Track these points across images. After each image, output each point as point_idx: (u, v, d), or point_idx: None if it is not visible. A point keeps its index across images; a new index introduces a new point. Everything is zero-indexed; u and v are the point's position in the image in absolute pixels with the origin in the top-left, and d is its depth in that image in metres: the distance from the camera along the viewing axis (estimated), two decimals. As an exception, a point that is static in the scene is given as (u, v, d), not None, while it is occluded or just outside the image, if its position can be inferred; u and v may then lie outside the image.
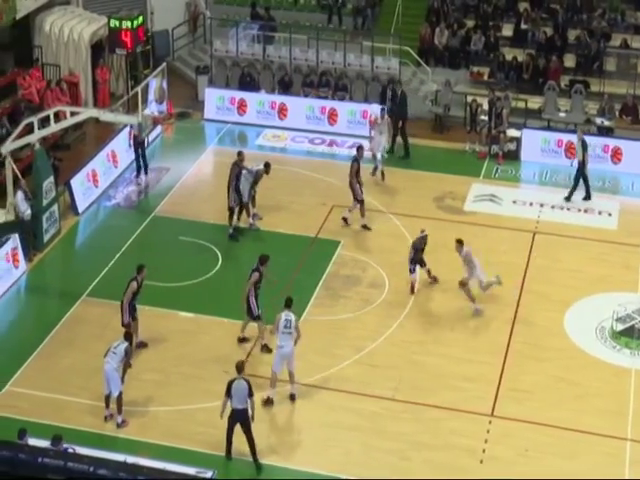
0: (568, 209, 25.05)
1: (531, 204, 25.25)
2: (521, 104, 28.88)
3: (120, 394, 18.07)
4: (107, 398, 18.22)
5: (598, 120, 28.49)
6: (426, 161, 27.10)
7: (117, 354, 17.97)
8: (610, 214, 24.93)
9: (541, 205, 24.79)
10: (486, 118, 28.10)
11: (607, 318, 20.94)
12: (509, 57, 30.67)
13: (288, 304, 18.82)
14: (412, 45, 30.80)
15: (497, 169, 26.39)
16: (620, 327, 20.73)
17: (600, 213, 24.98)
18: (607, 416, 18.50)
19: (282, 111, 28.81)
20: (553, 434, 18.07)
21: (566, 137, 27.21)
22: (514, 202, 25.29)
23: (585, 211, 24.97)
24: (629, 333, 20.59)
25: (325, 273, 22.43)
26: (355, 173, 23.55)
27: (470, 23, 31.96)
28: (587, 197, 25.29)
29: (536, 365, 19.75)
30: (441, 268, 22.14)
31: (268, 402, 18.64)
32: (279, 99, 29.12)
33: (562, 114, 28.91)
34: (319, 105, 28.69)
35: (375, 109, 26.72)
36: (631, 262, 22.87)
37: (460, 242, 21.27)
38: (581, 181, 25.27)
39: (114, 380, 17.99)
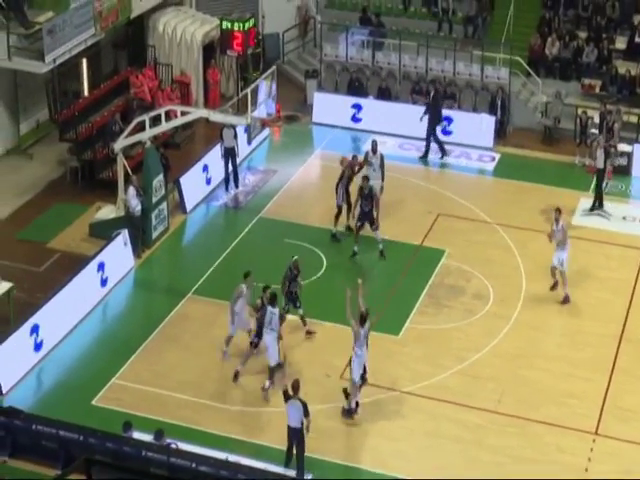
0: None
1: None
2: (633, 118, 28.33)
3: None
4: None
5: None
6: (534, 173, 26.77)
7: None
8: None
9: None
10: (597, 131, 27.68)
11: None
12: (622, 70, 30.10)
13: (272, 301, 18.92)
14: (522, 55, 30.46)
15: (607, 184, 25.98)
16: None
17: None
18: None
19: (390, 117, 28.75)
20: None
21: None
22: (624, 218, 24.84)
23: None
24: None
25: (429, 281, 22.33)
26: (347, 179, 23.29)
27: (582, 35, 31.51)
28: None
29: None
30: (550, 281, 21.82)
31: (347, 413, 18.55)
32: (386, 105, 29.10)
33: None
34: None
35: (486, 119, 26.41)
36: None
37: (560, 211, 21.50)
38: None
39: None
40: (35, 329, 19.50)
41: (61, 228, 23.83)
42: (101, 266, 21.48)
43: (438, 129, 27.57)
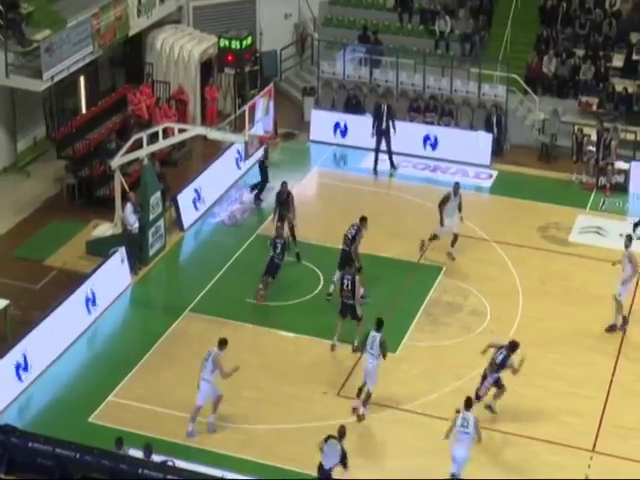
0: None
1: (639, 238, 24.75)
2: (630, 136, 28.40)
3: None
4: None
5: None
6: (531, 190, 26.79)
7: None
8: None
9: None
10: (594, 149, 27.75)
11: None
12: (619, 88, 30.19)
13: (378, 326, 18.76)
14: (519, 73, 30.56)
15: (604, 201, 25.97)
16: None
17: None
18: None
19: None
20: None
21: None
22: (621, 235, 24.75)
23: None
24: None
25: (427, 299, 22.32)
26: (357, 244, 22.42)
27: (580, 52, 31.60)
28: None
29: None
30: (547, 298, 21.80)
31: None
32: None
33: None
34: (424, 130, 28.57)
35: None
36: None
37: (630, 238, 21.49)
38: None
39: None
40: (31, 347, 19.46)
41: (58, 246, 23.81)
42: (97, 284, 21.44)
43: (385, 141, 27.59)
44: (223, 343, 18.27)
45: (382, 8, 33.94)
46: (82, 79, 28.25)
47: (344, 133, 29.12)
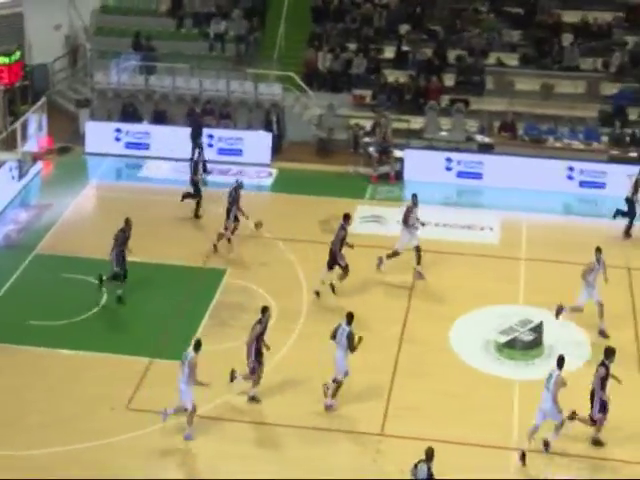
0: (451, 226, 25.42)
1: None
2: (403, 125, 29.28)
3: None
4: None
5: (478, 137, 29.07)
6: (311, 185, 27.25)
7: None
8: (492, 229, 25.42)
9: (422, 224, 24.93)
10: (370, 140, 28.47)
11: (491, 331, 21.31)
12: (391, 79, 31.10)
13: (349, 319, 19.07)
14: (296, 70, 31.01)
15: (381, 190, 26.65)
16: (503, 339, 21.08)
17: (482, 229, 25.45)
18: (493, 428, 18.72)
19: (163, 141, 28.67)
20: (444, 449, 18.16)
21: (447, 155, 27.77)
22: (398, 222, 25.47)
23: (468, 227, 25.33)
24: (512, 345, 20.94)
25: (212, 302, 22.34)
26: (341, 241, 22.58)
27: (352, 46, 32.33)
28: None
29: (423, 382, 19.90)
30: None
31: None
32: (160, 129, 29.01)
33: (443, 133, 29.43)
34: (204, 133, 28.56)
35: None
36: (512, 275, 23.30)
37: (600, 250, 21.22)
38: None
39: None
40: None
41: None
42: None
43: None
44: (198, 345, 18.16)
45: (155, 14, 33.80)
46: None
47: (124, 143, 28.83)
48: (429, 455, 16.15)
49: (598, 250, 21.25)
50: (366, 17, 33.11)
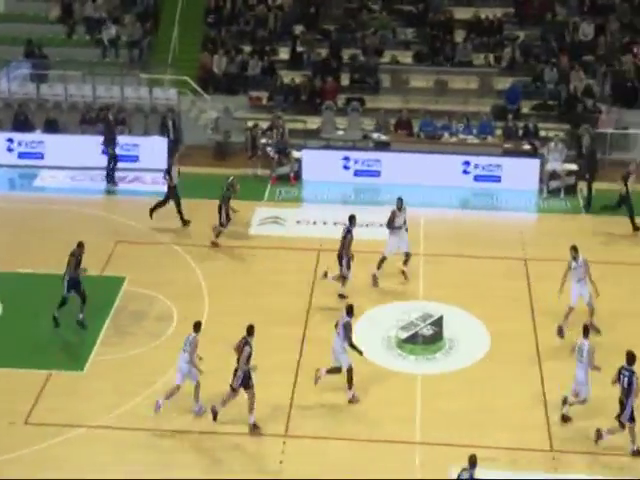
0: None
1: (314, 223, 25.66)
2: (300, 125, 29.35)
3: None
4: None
5: (375, 135, 29.31)
6: (209, 189, 27.02)
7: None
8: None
9: (324, 223, 25.17)
10: (268, 141, 28.46)
11: (392, 327, 21.48)
12: (287, 80, 31.16)
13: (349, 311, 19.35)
14: (192, 74, 30.85)
15: (280, 191, 26.67)
16: (404, 335, 21.27)
17: (381, 226, 25.50)
18: (396, 423, 18.86)
19: (57, 150, 28.24)
20: (348, 447, 18.29)
21: (344, 154, 27.93)
22: (298, 222, 25.62)
23: (367, 225, 25.47)
24: (413, 340, 21.15)
25: (112, 310, 22.09)
26: (347, 245, 22.24)
27: (247, 48, 32.28)
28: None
29: (325, 380, 19.92)
30: (233, 292, 22.16)
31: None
32: (55, 138, 28.58)
33: (340, 132, 29.61)
34: (97, 141, 28.24)
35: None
36: (412, 271, 23.48)
37: (576, 249, 20.84)
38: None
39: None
40: None
41: None
42: None
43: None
44: (198, 326, 18.89)
45: (46, 21, 33.24)
46: None
47: (17, 153, 28.32)
48: (472, 462, 15.81)
49: (573, 249, 21.00)
50: (260, 19, 33.12)
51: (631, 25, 32.48)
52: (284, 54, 32.39)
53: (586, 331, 18.70)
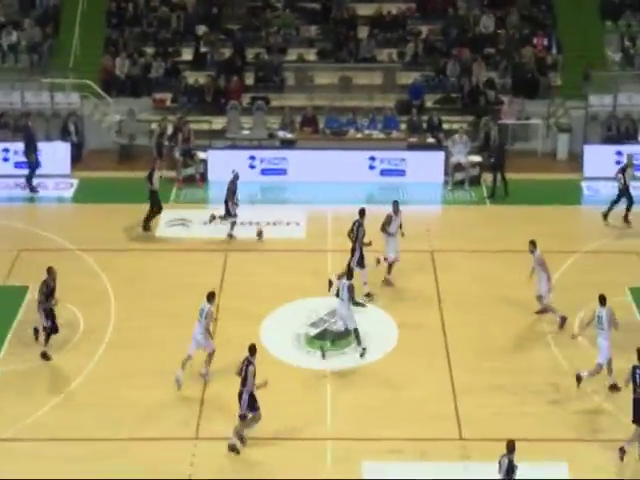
0: (257, 224, 25.44)
1: (221, 223, 25.47)
2: (205, 126, 29.18)
3: None
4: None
5: (280, 133, 29.28)
6: (114, 193, 26.81)
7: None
8: (298, 223, 25.63)
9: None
10: (173, 143, 28.23)
11: (301, 325, 21.47)
12: (191, 80, 30.95)
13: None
14: (94, 77, 30.46)
15: (186, 193, 26.48)
16: (314, 331, 21.28)
17: (289, 224, 25.61)
18: (307, 420, 18.82)
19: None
20: (262, 445, 18.15)
21: (250, 153, 27.84)
22: (205, 224, 25.43)
23: (274, 224, 25.41)
24: (322, 336, 21.14)
25: (15, 321, 21.67)
26: (361, 238, 22.07)
27: (150, 50, 31.98)
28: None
29: (234, 381, 19.59)
30: (141, 297, 21.99)
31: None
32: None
33: (245, 132, 29.51)
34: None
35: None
36: (320, 267, 23.51)
37: (534, 243, 21.10)
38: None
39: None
40: None
41: None
42: None
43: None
44: (211, 296, 19.60)
45: (-58, 28, 32.44)
46: None
47: None
48: (511, 448, 15.92)
49: (531, 243, 21.24)
50: (163, 20, 32.83)
51: (531, 17, 32.95)
52: (187, 55, 32.15)
53: (602, 299, 19.04)
